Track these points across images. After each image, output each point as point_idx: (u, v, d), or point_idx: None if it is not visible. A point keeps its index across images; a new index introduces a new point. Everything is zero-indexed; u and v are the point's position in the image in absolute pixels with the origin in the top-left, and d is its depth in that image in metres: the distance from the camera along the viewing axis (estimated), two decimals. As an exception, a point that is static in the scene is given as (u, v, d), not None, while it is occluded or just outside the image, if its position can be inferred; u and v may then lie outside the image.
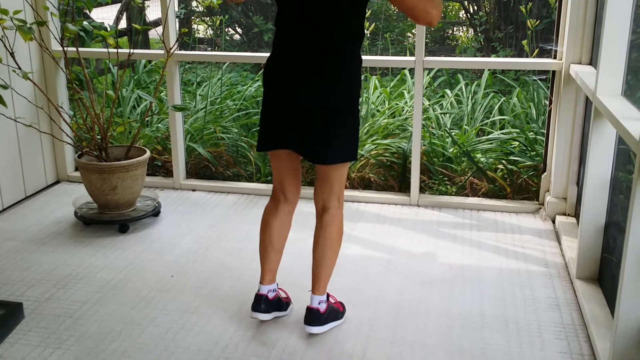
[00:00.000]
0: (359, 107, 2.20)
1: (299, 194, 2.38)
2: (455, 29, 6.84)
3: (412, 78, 4.38)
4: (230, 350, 2.24)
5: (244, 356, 2.21)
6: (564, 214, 3.33)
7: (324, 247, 2.28)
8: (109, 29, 3.27)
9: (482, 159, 3.83)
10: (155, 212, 3.40)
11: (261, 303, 2.35)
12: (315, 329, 2.30)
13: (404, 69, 4.56)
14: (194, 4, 6.85)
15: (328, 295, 2.37)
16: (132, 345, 2.27)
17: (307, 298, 2.50)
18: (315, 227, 2.32)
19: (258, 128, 2.23)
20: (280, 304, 2.43)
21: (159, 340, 2.30)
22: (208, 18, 6.89)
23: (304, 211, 3.52)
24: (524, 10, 5.01)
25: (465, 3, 6.30)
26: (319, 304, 2.30)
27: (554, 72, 3.35)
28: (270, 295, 2.37)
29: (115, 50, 3.34)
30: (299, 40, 2.12)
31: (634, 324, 1.94)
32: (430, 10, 1.95)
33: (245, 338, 2.31)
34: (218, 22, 6.47)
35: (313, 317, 2.30)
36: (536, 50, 4.53)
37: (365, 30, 2.13)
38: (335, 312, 2.39)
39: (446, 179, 3.82)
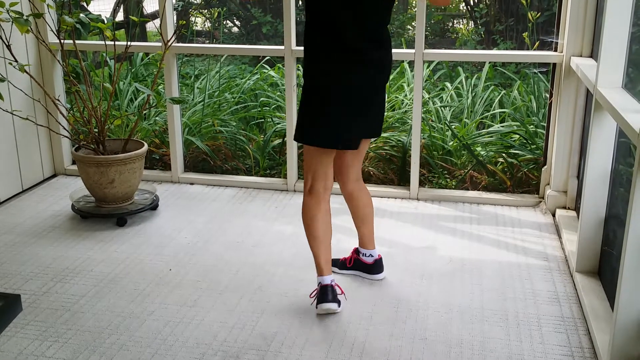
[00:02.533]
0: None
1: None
2: (455, 21, 6.81)
3: (411, 71, 4.35)
4: (228, 343, 2.23)
5: (242, 349, 2.20)
6: (564, 208, 3.32)
7: (369, 204, 2.60)
8: (106, 22, 3.23)
9: (482, 152, 3.82)
10: (153, 206, 3.39)
11: (329, 293, 2.38)
12: (383, 274, 2.67)
13: (404, 61, 4.54)
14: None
15: None
16: (130, 339, 2.26)
17: (307, 290, 2.50)
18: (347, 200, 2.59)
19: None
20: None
21: (157, 333, 2.29)
22: (206, 10, 6.86)
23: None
24: (524, 2, 4.98)
25: (465, -5, 6.26)
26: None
27: (554, 64, 3.33)
28: (334, 283, 2.42)
29: (112, 42, 3.32)
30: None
31: (634, 317, 1.93)
32: None
33: (244, 331, 2.30)
34: (216, 14, 6.44)
35: (381, 264, 2.67)
36: (537, 43, 4.51)
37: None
38: None
39: (446, 172, 3.80)
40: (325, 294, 2.37)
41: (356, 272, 2.68)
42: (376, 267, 2.66)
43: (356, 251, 2.69)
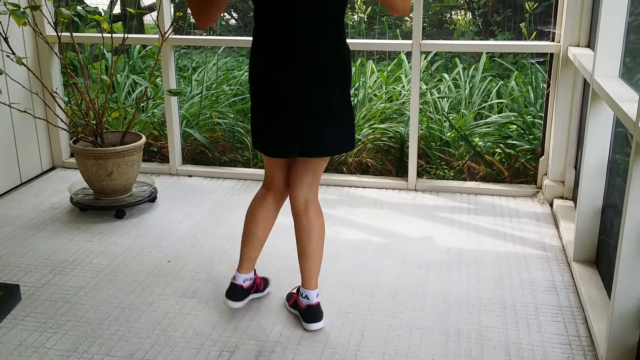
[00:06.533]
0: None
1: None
2: (453, 12, 6.79)
3: (409, 62, 4.35)
4: (227, 334, 2.24)
5: (241, 340, 2.21)
6: (562, 198, 3.33)
7: (314, 239, 2.26)
8: (103, 14, 3.23)
9: (480, 143, 3.82)
10: (152, 198, 3.39)
11: (235, 292, 2.33)
12: (317, 325, 2.26)
13: (401, 52, 4.53)
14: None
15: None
16: (129, 330, 2.27)
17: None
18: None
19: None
20: (257, 288, 2.43)
21: (156, 324, 2.30)
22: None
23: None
24: (522, -7, 4.97)
25: (463, -14, 6.24)
26: (317, 297, 2.29)
27: (551, 54, 3.33)
28: (246, 284, 2.35)
29: (109, 35, 3.31)
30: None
31: (630, 305, 1.94)
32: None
33: (243, 322, 2.31)
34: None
35: (315, 313, 2.27)
36: (534, 33, 4.51)
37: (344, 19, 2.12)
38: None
39: (444, 163, 3.81)
40: (232, 291, 2.33)
41: (296, 312, 2.35)
42: (309, 314, 2.25)
43: (298, 289, 2.36)
